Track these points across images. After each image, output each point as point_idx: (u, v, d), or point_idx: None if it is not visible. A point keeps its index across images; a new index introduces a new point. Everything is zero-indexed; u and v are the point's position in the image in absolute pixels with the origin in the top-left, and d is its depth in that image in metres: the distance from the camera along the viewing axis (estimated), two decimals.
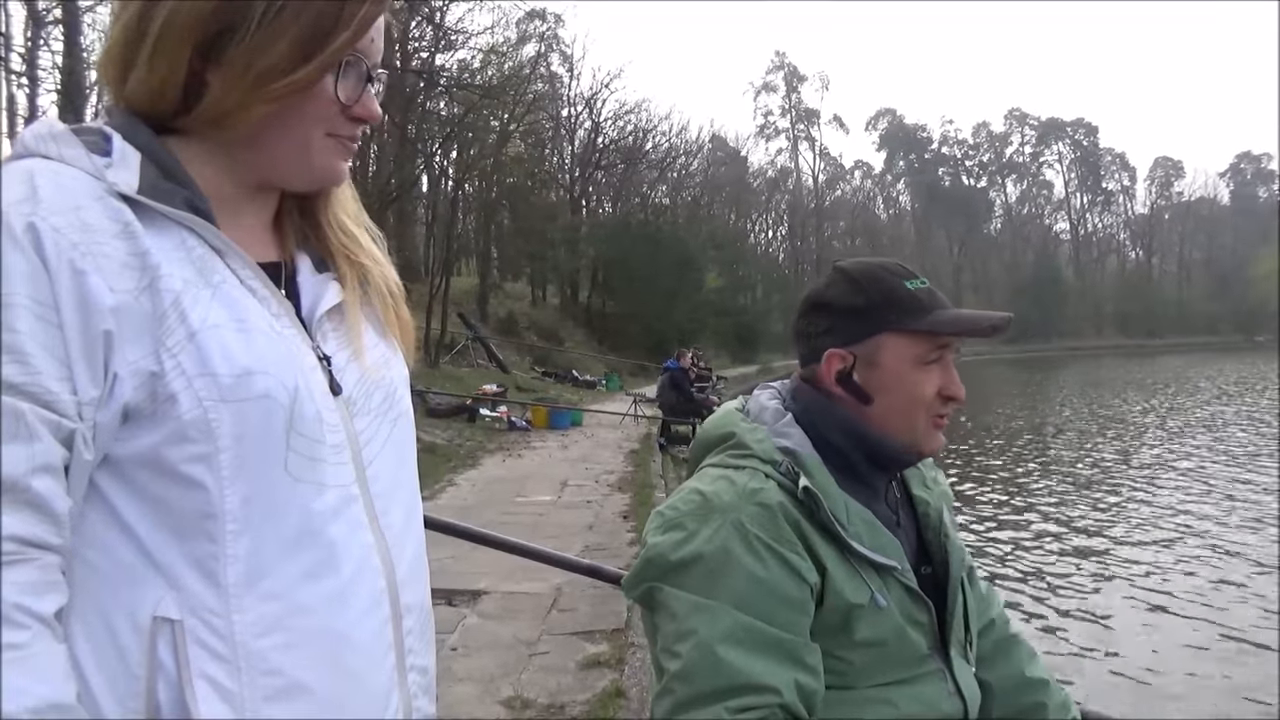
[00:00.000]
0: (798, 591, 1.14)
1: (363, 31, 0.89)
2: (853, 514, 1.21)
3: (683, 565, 1.15)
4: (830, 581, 1.16)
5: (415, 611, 0.94)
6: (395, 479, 0.95)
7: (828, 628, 1.16)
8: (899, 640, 1.18)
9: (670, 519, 1.20)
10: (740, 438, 1.27)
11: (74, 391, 0.76)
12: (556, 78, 42.00)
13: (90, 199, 0.79)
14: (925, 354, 1.25)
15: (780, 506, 1.17)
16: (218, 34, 0.84)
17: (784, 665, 1.10)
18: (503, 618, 5.48)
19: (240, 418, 0.81)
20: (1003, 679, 1.35)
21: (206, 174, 0.89)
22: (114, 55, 0.88)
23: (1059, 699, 1.37)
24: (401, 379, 1.01)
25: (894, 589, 1.19)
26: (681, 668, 1.11)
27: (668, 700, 1.12)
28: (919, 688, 1.19)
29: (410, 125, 23.72)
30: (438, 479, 10.83)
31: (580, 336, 34.36)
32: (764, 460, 1.23)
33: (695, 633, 1.11)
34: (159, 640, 0.78)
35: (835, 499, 1.20)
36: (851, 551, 1.17)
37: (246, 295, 0.86)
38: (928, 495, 1.33)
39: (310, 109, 0.89)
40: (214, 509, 0.80)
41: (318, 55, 0.86)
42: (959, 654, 1.25)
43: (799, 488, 1.18)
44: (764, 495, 1.18)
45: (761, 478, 1.20)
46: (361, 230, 1.05)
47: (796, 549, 1.15)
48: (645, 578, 1.19)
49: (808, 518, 1.17)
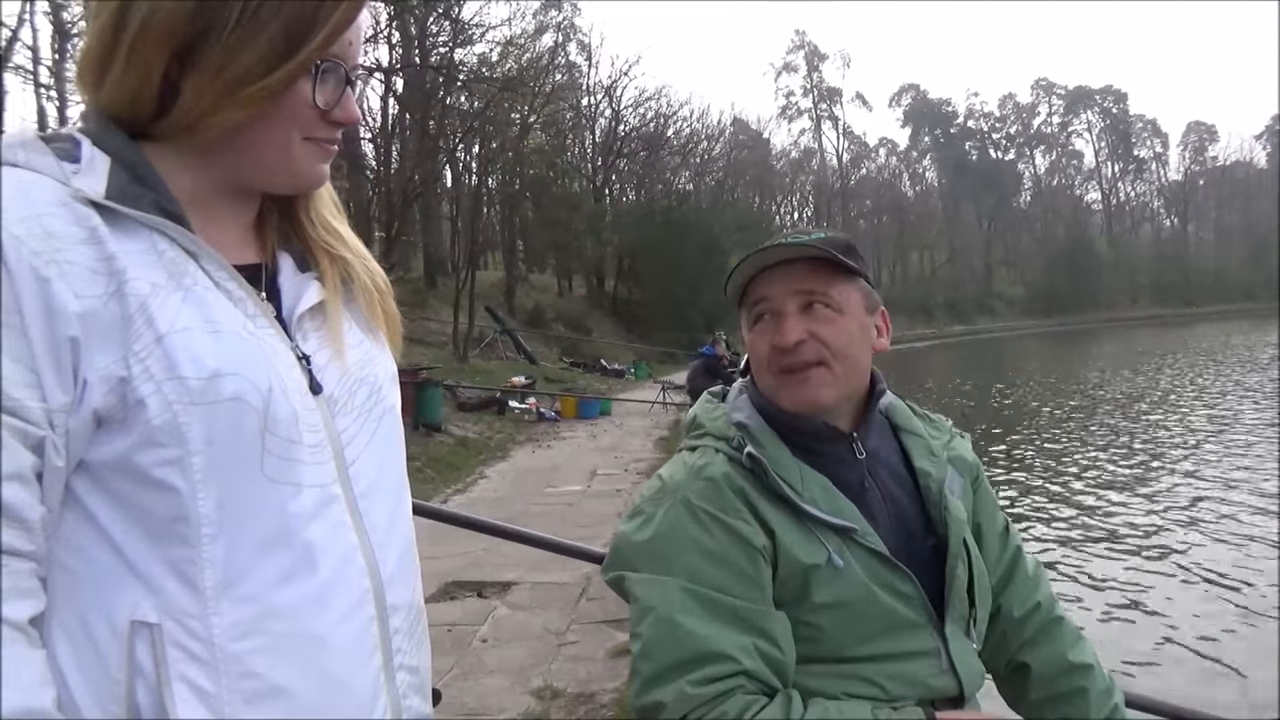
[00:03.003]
0: (747, 558, 1.14)
1: (338, 35, 0.88)
2: (807, 479, 1.20)
3: (642, 548, 1.18)
4: (781, 545, 1.15)
5: (403, 610, 0.93)
6: (380, 477, 0.94)
7: (790, 592, 1.15)
8: (867, 603, 1.16)
9: (635, 506, 1.24)
10: (698, 419, 1.31)
11: (43, 399, 0.76)
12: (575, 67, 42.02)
13: (55, 206, 0.79)
14: (748, 316, 1.28)
15: (725, 477, 1.18)
16: (193, 38, 0.84)
17: (742, 632, 1.11)
18: (532, 608, 5.51)
19: (211, 420, 0.80)
20: (1045, 662, 1.32)
21: (184, 178, 0.89)
22: (89, 59, 0.87)
23: (1102, 685, 1.32)
24: (387, 375, 1.00)
25: (857, 552, 1.18)
26: (642, 646, 1.12)
27: (636, 682, 1.13)
28: (903, 665, 1.17)
29: (431, 121, 23.80)
30: (469, 472, 10.90)
31: (607, 326, 34.40)
32: (717, 437, 1.25)
33: (653, 609, 1.13)
34: (137, 644, 0.78)
35: (787, 466, 1.20)
36: (805, 514, 1.17)
37: (220, 297, 0.86)
38: (930, 466, 1.30)
39: (287, 113, 0.88)
40: (187, 513, 0.80)
41: (293, 59, 0.86)
42: (958, 629, 1.23)
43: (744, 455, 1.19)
44: (710, 469, 1.20)
45: (712, 453, 1.23)
46: (344, 225, 1.04)
47: (742, 515, 1.16)
48: (613, 566, 1.21)
49: (756, 485, 1.18)
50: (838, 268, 1.24)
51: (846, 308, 1.24)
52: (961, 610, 1.24)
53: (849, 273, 1.25)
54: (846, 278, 1.25)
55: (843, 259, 1.22)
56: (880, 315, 1.30)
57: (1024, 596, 1.35)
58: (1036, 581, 1.38)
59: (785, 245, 1.23)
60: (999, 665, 1.35)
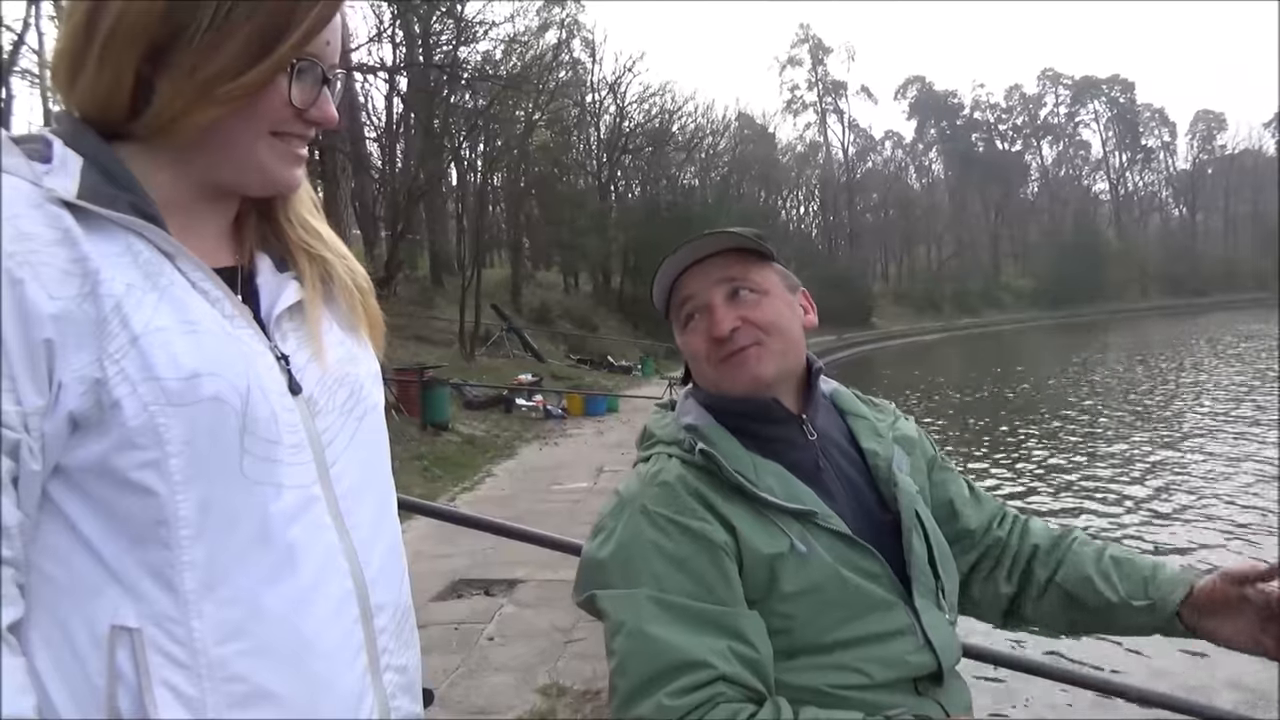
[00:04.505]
0: (710, 558, 1.13)
1: (314, 33, 0.87)
2: (761, 470, 1.20)
3: (606, 564, 1.16)
4: (743, 538, 1.15)
5: (389, 610, 0.92)
6: (362, 477, 0.93)
7: (757, 585, 1.14)
8: (836, 586, 1.15)
9: (597, 524, 1.22)
10: (649, 429, 1.32)
11: (18, 402, 0.75)
12: (579, 64, 41.86)
13: (28, 206, 0.78)
14: (678, 319, 1.29)
15: (680, 480, 1.18)
16: (166, 36, 0.83)
17: (714, 636, 1.09)
18: (539, 606, 5.51)
19: (189, 422, 0.79)
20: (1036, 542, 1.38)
21: (161, 179, 0.88)
22: (62, 59, 0.86)
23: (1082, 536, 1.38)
24: (369, 375, 1.00)
25: (820, 536, 1.17)
26: (618, 662, 1.10)
27: (615, 699, 1.11)
28: (881, 647, 1.15)
29: (435, 120, 23.81)
30: (476, 470, 10.92)
31: (614, 322, 34.36)
32: (668, 443, 1.26)
33: (624, 624, 1.11)
34: (118, 649, 0.78)
35: (740, 459, 1.20)
36: (764, 503, 1.17)
37: (197, 297, 0.85)
38: (877, 445, 1.32)
39: (263, 113, 0.88)
40: (167, 515, 0.79)
41: (268, 58, 0.85)
42: (928, 602, 1.22)
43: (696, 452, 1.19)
44: (663, 474, 1.20)
45: (664, 459, 1.23)
46: (324, 224, 1.03)
47: (699, 514, 1.15)
48: (582, 587, 1.19)
49: (710, 483, 1.18)
50: (752, 255, 1.28)
51: (770, 288, 1.28)
52: (928, 583, 1.23)
53: (763, 258, 1.29)
54: (762, 262, 1.29)
55: (757, 244, 1.27)
56: (802, 295, 1.35)
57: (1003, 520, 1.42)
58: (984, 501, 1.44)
59: (697, 241, 1.26)
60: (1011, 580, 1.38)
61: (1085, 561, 1.32)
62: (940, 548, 1.28)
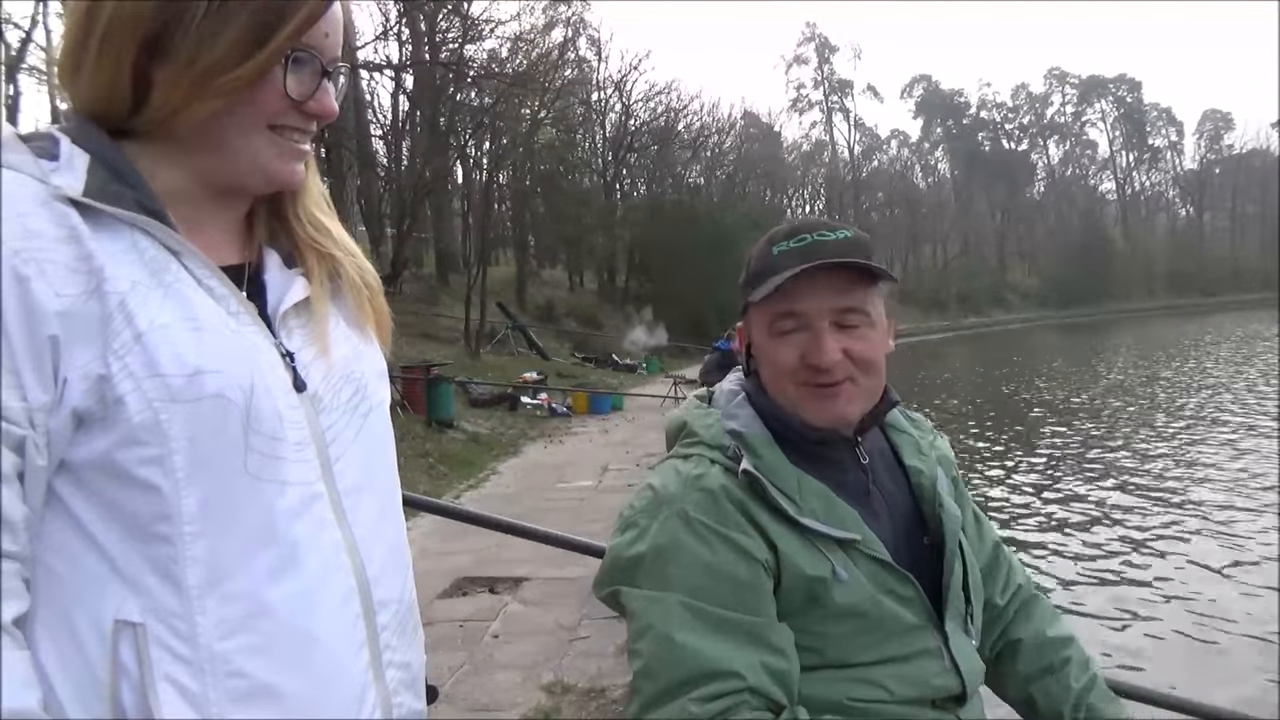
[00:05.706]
0: (749, 572, 1.11)
1: (309, 25, 0.87)
2: (805, 490, 1.17)
3: (637, 563, 1.14)
4: (784, 558, 1.13)
5: (391, 607, 0.92)
6: (366, 474, 0.93)
7: (795, 604, 1.13)
8: (874, 612, 1.14)
9: (626, 518, 1.20)
10: (690, 425, 1.27)
11: (24, 398, 0.75)
12: (585, 62, 41.85)
13: (35, 204, 0.78)
14: (773, 323, 1.21)
15: (724, 490, 1.15)
16: (161, 30, 0.83)
17: (745, 648, 1.08)
18: (544, 603, 5.51)
19: (193, 418, 0.79)
20: (1032, 636, 1.34)
21: (168, 176, 0.88)
22: (65, 58, 0.87)
23: (1081, 657, 1.34)
24: (375, 372, 0.99)
25: (861, 562, 1.16)
26: (644, 665, 1.09)
27: (636, 701, 1.10)
28: (907, 667, 1.15)
29: (441, 118, 23.83)
30: (481, 468, 10.92)
31: (619, 320, 34.35)
32: (711, 446, 1.21)
33: (652, 627, 1.09)
34: (121, 643, 0.78)
35: (786, 477, 1.17)
36: (805, 528, 1.15)
37: (202, 294, 0.85)
38: (921, 464, 1.29)
39: (259, 106, 0.88)
40: (170, 511, 0.79)
41: (263, 49, 0.85)
42: (957, 627, 1.21)
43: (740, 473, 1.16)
44: (706, 480, 1.16)
45: (706, 464, 1.19)
46: (334, 221, 1.03)
47: (744, 529, 1.13)
48: (607, 581, 1.18)
49: (755, 498, 1.15)
50: (871, 276, 1.21)
51: (876, 320, 1.22)
52: (959, 608, 1.22)
53: (875, 279, 1.22)
54: (873, 285, 1.22)
55: (879, 268, 1.20)
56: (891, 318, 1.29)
57: (1006, 583, 1.37)
58: (1013, 566, 1.40)
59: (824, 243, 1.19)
60: (985, 649, 1.34)
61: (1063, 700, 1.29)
62: (974, 572, 1.26)
